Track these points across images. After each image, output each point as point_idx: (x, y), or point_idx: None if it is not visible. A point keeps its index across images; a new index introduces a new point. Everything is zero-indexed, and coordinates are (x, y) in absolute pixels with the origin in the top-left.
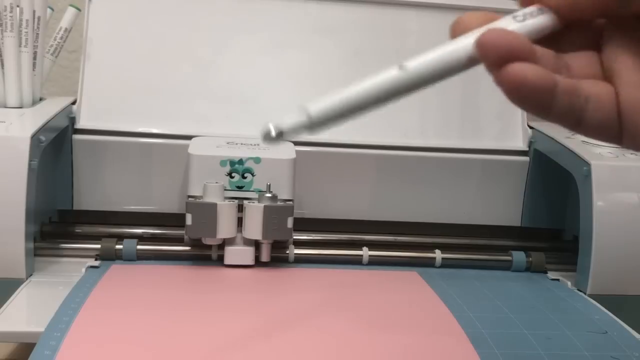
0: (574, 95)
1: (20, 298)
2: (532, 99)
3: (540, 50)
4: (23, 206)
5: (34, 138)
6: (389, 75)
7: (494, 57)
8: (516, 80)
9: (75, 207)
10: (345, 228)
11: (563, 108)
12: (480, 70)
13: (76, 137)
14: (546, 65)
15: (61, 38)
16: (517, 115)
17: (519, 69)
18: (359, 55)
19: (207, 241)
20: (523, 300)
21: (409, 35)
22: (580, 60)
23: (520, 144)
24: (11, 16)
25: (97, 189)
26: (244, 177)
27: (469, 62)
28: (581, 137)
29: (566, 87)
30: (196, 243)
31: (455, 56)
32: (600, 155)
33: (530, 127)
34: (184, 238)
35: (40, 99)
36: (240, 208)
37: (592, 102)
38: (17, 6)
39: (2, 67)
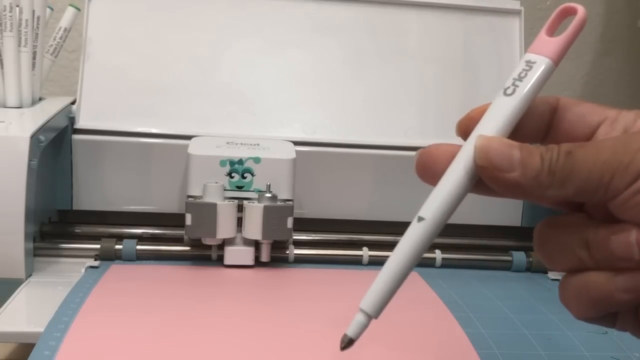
0: None
1: (19, 298)
2: None
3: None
4: (22, 206)
5: (34, 138)
6: (414, 233)
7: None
8: None
9: (75, 207)
10: (345, 228)
11: None
12: (480, 70)
13: (76, 137)
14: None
15: (61, 38)
16: None
17: None
18: (359, 55)
19: (207, 241)
20: (523, 300)
21: (409, 35)
22: None
23: None
24: (10, 16)
25: (96, 189)
26: (244, 177)
27: (471, 183)
28: None
29: None
30: (196, 243)
31: (460, 182)
32: None
33: None
34: (183, 238)
35: (40, 99)
36: (240, 208)
37: None
38: (17, 6)
39: (2, 67)
